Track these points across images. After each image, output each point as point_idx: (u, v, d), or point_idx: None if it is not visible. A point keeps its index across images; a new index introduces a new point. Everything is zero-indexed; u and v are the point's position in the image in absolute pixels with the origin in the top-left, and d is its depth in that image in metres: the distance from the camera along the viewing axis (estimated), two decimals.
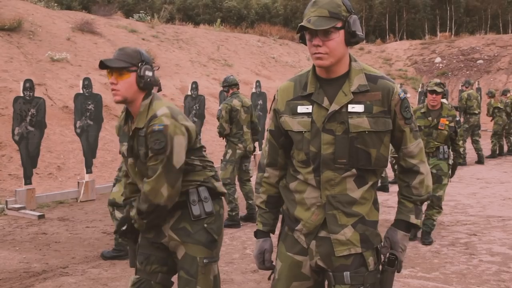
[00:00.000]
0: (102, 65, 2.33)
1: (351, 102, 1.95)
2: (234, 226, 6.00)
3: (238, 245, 5.28)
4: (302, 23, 1.91)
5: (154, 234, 2.46)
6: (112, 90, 2.36)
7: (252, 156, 9.83)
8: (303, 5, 36.25)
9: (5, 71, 11.27)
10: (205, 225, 2.42)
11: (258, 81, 11.10)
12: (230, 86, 6.24)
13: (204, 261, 2.39)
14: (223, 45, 19.82)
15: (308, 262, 2.05)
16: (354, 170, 1.97)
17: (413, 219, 2.05)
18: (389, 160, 2.09)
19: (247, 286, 4.14)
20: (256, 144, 10.01)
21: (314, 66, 2.05)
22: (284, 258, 2.11)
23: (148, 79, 2.36)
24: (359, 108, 1.95)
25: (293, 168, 2.09)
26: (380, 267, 2.04)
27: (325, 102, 1.97)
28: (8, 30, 13.03)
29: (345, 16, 1.91)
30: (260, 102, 10.65)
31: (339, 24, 1.90)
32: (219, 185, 2.53)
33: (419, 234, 5.37)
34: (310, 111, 2.00)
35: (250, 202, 6.27)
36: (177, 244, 2.41)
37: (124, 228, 2.55)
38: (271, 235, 2.23)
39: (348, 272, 1.97)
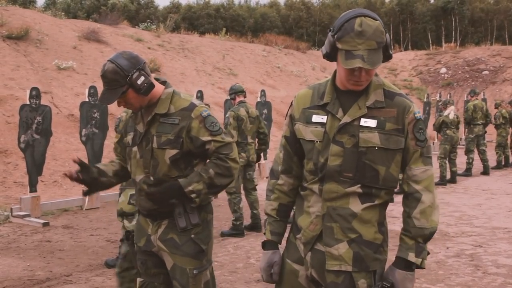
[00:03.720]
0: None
1: (364, 116, 1.92)
2: (238, 235, 5.99)
3: (242, 255, 5.27)
4: (355, 63, 1.82)
5: (145, 243, 2.47)
6: (125, 107, 2.43)
7: (257, 165, 9.85)
8: (306, 14, 36.45)
9: (12, 79, 11.35)
10: (193, 235, 2.39)
11: (263, 91, 11.12)
12: (236, 93, 6.24)
13: (194, 271, 2.39)
14: (228, 54, 19.90)
15: (305, 272, 2.03)
16: (359, 186, 1.92)
17: (411, 257, 1.90)
18: None
19: None
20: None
21: (334, 76, 2.02)
22: (284, 264, 2.10)
23: (145, 84, 2.31)
24: (372, 123, 1.91)
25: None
26: None
27: (339, 113, 1.95)
28: (15, 39, 13.15)
29: (385, 41, 1.88)
30: (265, 111, 10.66)
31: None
32: None
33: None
34: (325, 121, 1.97)
35: (255, 212, 6.26)
36: (166, 254, 2.41)
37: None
38: (279, 245, 2.18)
39: None
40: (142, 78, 2.31)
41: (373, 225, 1.95)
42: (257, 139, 6.33)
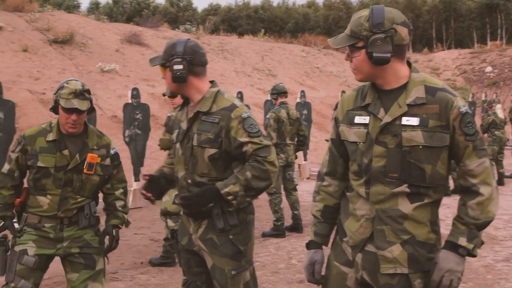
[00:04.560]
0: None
1: (405, 114, 1.89)
2: (279, 236, 5.97)
3: (284, 255, 5.26)
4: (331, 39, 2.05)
5: (187, 242, 2.48)
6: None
7: (297, 166, 9.80)
8: (346, 14, 36.11)
9: (58, 82, 11.69)
10: (231, 236, 2.38)
11: (302, 91, 11.07)
12: (279, 94, 6.21)
13: (232, 272, 2.38)
14: (267, 55, 19.92)
15: (354, 274, 2.00)
16: (406, 186, 1.89)
17: (462, 241, 1.86)
18: None
19: None
20: (301, 153, 9.97)
21: None
22: (331, 267, 2.08)
23: (178, 73, 2.36)
24: (414, 121, 1.88)
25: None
26: None
27: (381, 113, 1.93)
28: (61, 43, 13.56)
29: (365, 36, 1.88)
30: (305, 112, 10.60)
31: (360, 44, 1.91)
32: None
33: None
34: (367, 122, 1.96)
35: (296, 212, 6.23)
36: (205, 254, 2.42)
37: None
38: (324, 247, 2.16)
39: None
40: (180, 67, 2.37)
41: (426, 225, 1.92)
42: (296, 140, 6.30)
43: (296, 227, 6.21)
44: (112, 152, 2.95)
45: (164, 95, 5.00)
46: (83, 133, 2.88)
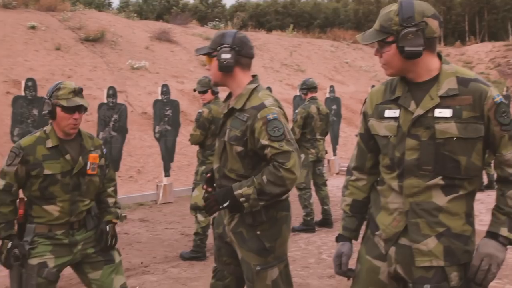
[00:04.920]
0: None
1: (438, 106, 1.87)
2: (309, 231, 5.96)
3: (314, 250, 5.25)
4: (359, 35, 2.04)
5: (222, 231, 2.51)
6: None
7: (327, 161, 9.76)
8: (376, 8, 35.69)
9: (89, 79, 11.93)
10: (258, 232, 2.37)
11: (332, 86, 11.01)
12: (309, 89, 6.18)
13: (257, 268, 2.36)
14: (296, 51, 19.87)
15: (387, 268, 1.98)
16: (440, 178, 1.87)
17: (503, 232, 1.85)
18: None
19: None
20: (330, 148, 9.91)
21: None
22: (363, 261, 2.07)
23: (225, 62, 2.35)
24: (447, 113, 1.86)
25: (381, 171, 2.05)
26: None
27: (412, 106, 1.91)
28: (92, 41, 13.82)
29: (395, 30, 1.87)
30: (334, 107, 10.54)
31: (390, 38, 1.89)
32: None
33: None
34: (398, 115, 1.95)
35: (326, 207, 6.21)
36: (236, 246, 2.44)
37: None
38: (354, 241, 2.16)
39: (429, 285, 1.88)
40: (228, 56, 2.36)
41: (461, 217, 1.90)
42: None
43: (326, 222, 6.19)
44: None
45: (194, 90, 5.03)
46: (77, 136, 2.86)
